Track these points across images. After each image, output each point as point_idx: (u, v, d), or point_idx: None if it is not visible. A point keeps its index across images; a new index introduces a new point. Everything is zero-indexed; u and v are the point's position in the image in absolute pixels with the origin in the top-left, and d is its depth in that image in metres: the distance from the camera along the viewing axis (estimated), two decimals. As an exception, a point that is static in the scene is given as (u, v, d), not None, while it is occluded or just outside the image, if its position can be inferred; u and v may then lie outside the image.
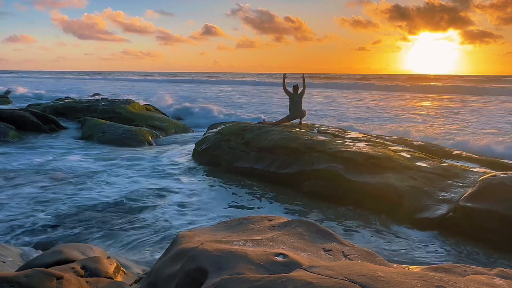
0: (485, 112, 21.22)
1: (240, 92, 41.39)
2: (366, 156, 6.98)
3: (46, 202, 6.66)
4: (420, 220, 5.56)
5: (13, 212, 6.20)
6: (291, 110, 9.97)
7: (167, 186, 7.68)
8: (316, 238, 2.86)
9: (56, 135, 13.29)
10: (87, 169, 8.92)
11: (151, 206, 6.59)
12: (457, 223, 5.24)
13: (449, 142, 11.36)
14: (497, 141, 11.08)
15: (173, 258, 2.90)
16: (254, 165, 8.21)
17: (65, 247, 3.73)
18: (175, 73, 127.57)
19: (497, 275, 2.23)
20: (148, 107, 17.38)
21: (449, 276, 2.06)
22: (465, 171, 6.49)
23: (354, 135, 9.22)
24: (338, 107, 24.84)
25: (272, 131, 8.86)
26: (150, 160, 9.90)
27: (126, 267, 3.73)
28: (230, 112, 19.85)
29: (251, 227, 3.18)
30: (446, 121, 17.11)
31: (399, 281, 1.91)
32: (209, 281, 2.23)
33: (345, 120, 17.40)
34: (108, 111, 15.75)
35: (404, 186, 6.10)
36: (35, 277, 2.63)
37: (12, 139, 11.61)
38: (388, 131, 13.53)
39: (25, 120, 13.12)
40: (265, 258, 2.39)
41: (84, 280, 2.96)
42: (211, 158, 9.35)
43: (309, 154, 7.54)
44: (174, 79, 77.02)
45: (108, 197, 6.98)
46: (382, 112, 19.26)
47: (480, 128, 14.89)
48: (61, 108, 16.94)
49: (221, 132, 9.85)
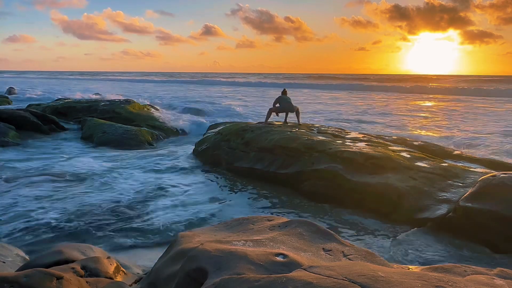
0: (490, 114, 20.98)
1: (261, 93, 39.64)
2: (366, 156, 6.98)
3: (46, 202, 6.66)
4: (420, 220, 5.56)
5: (13, 212, 6.20)
6: (280, 103, 10.13)
7: (167, 186, 7.68)
8: (316, 238, 2.86)
9: (56, 135, 13.29)
10: (87, 169, 8.91)
11: (151, 206, 6.59)
12: (457, 223, 5.24)
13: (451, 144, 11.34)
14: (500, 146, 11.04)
15: (173, 258, 2.91)
16: (254, 165, 8.21)
17: (65, 247, 3.73)
18: (177, 73, 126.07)
19: (497, 275, 2.23)
20: (147, 107, 17.39)
21: (449, 276, 2.06)
22: (465, 171, 6.49)
23: (354, 135, 9.22)
24: (339, 109, 24.72)
25: (272, 131, 8.86)
26: (150, 160, 9.90)
27: (126, 267, 3.73)
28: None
29: (251, 227, 3.18)
30: (449, 124, 17.03)
31: (399, 281, 1.91)
32: (209, 281, 2.23)
33: (347, 121, 17.37)
34: (108, 111, 15.75)
35: (404, 186, 6.10)
36: (35, 277, 2.63)
37: (12, 139, 11.60)
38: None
39: (25, 120, 13.11)
40: (265, 258, 2.39)
41: (84, 280, 2.96)
42: (211, 158, 9.35)
43: (309, 154, 7.54)
44: (180, 80, 74.87)
45: (107, 197, 6.98)
46: (386, 117, 19.02)
47: (483, 132, 14.70)
48: (61, 108, 16.93)
49: (221, 132, 9.85)
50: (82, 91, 32.07)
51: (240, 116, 18.26)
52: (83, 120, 14.29)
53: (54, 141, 12.27)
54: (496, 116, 19.70)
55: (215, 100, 27.69)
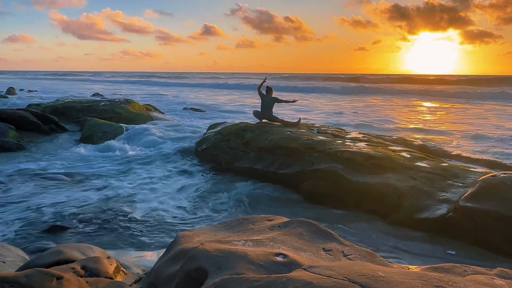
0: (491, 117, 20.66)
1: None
2: (366, 156, 6.98)
3: (46, 202, 6.66)
4: (420, 220, 5.56)
5: (13, 212, 6.20)
6: (261, 109, 10.17)
7: (167, 186, 7.68)
8: (316, 238, 2.86)
9: (56, 135, 13.29)
10: (87, 169, 8.92)
11: (150, 206, 6.59)
12: (457, 223, 5.24)
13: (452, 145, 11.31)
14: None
15: (173, 258, 2.91)
16: (254, 165, 8.21)
17: (65, 247, 3.73)
18: (182, 73, 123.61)
19: (497, 275, 2.23)
20: (148, 107, 17.39)
21: (449, 276, 2.06)
22: (465, 171, 6.49)
23: (354, 135, 9.22)
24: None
25: (272, 131, 8.86)
26: (150, 160, 9.89)
27: (126, 267, 3.73)
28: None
29: (251, 227, 3.18)
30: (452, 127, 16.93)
31: (399, 281, 1.91)
32: (209, 281, 2.23)
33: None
34: (108, 111, 15.74)
35: (404, 186, 6.10)
36: (35, 277, 2.63)
37: (12, 139, 11.60)
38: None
39: (25, 120, 13.10)
40: (265, 258, 2.39)
41: (84, 280, 2.96)
42: (211, 158, 9.35)
43: (309, 154, 7.54)
44: (188, 84, 62.36)
45: (107, 197, 6.98)
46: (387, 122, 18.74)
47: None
48: (61, 108, 16.92)
49: (221, 132, 9.85)
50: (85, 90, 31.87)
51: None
52: (83, 120, 14.29)
53: (54, 141, 12.26)
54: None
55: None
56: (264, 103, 10.02)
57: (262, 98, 10.07)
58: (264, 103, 10.03)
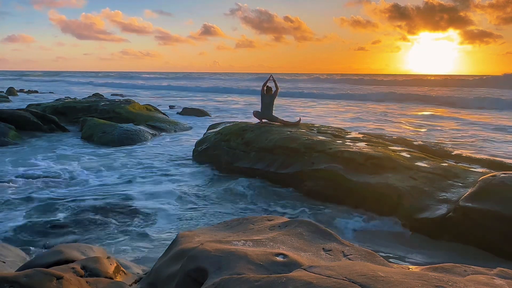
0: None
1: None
2: (366, 156, 6.98)
3: (46, 202, 6.66)
4: (420, 220, 5.56)
5: (13, 212, 6.20)
6: (261, 109, 10.18)
7: (167, 186, 7.68)
8: (316, 238, 2.86)
9: (56, 135, 13.29)
10: (87, 170, 8.92)
11: (150, 206, 6.59)
12: (457, 223, 5.23)
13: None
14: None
15: (173, 258, 2.91)
16: (254, 165, 8.21)
17: (65, 247, 3.73)
18: (182, 73, 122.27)
19: (497, 275, 2.23)
20: (148, 107, 17.38)
21: (449, 276, 2.06)
22: (465, 171, 6.48)
23: (354, 135, 9.21)
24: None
25: (272, 131, 8.86)
26: (150, 160, 9.89)
27: (126, 267, 3.73)
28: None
29: (251, 227, 3.18)
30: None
31: (399, 281, 1.91)
32: (209, 281, 2.23)
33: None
34: (108, 111, 15.73)
35: (404, 186, 6.10)
36: (35, 277, 2.63)
37: (12, 139, 11.60)
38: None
39: (25, 120, 13.10)
40: (265, 258, 2.39)
41: (84, 280, 2.96)
42: (211, 158, 9.35)
43: (309, 154, 7.54)
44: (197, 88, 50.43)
45: (107, 197, 6.98)
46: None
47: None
48: (61, 108, 16.91)
49: (221, 132, 9.85)
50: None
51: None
52: (83, 120, 14.28)
53: (54, 141, 12.26)
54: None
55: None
56: (264, 103, 10.02)
57: (262, 98, 10.07)
58: (264, 103, 10.03)
